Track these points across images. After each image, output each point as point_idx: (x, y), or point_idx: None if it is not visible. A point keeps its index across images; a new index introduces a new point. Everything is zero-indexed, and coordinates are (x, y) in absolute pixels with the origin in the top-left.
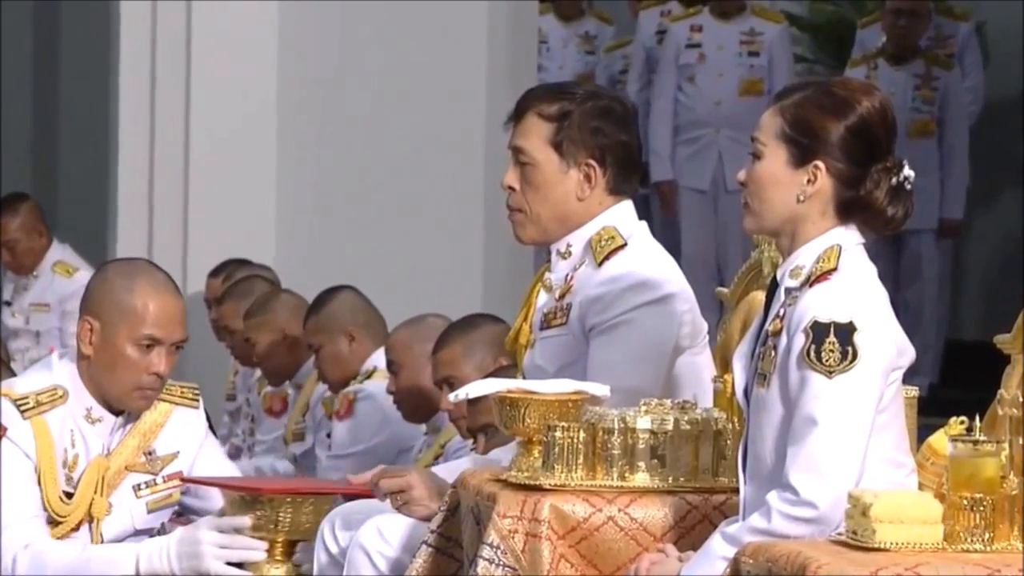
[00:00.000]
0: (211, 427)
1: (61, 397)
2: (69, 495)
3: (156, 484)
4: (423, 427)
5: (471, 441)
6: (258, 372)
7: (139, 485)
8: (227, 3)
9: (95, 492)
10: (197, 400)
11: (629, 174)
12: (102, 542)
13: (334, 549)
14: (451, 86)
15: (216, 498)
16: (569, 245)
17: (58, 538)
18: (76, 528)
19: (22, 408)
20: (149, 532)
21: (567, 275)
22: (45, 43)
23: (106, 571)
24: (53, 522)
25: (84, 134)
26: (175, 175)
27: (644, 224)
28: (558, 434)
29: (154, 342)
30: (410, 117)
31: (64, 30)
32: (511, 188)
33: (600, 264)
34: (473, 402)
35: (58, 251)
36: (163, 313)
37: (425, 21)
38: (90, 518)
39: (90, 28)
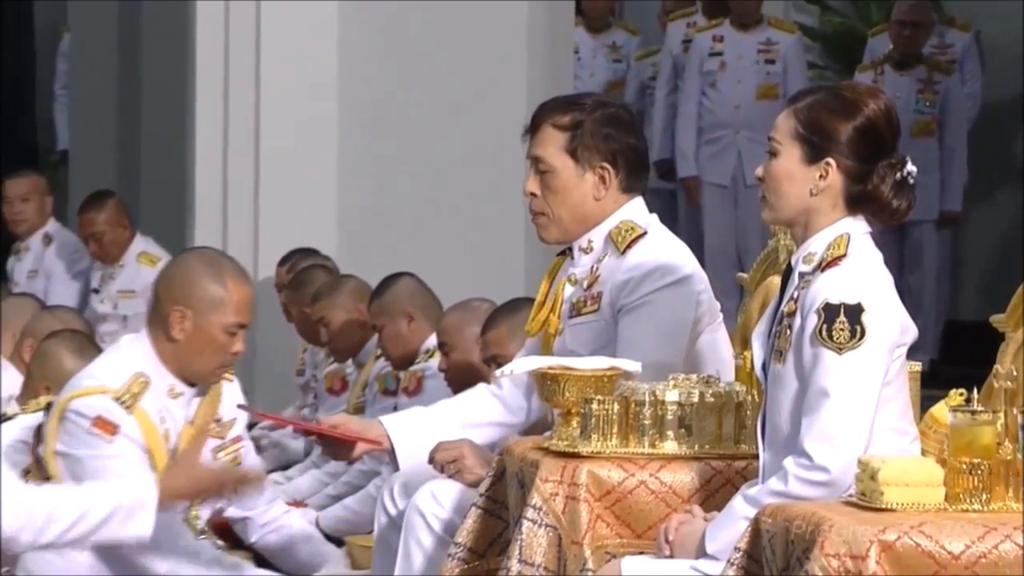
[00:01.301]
0: None
1: (146, 383)
2: None
3: (226, 447)
4: None
5: None
6: (322, 352)
7: (215, 448)
8: (293, 4)
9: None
10: (233, 375)
11: (639, 173)
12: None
13: (393, 512)
14: (495, 94)
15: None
16: (590, 241)
17: None
18: None
19: (124, 404)
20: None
21: (592, 267)
22: (128, 49)
23: None
24: None
25: (163, 135)
26: (246, 173)
27: (655, 216)
28: (594, 406)
29: (238, 329)
30: (459, 122)
31: (144, 35)
32: (533, 194)
33: (623, 252)
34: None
35: (141, 243)
36: (246, 301)
37: (472, 34)
38: None
39: (168, 32)
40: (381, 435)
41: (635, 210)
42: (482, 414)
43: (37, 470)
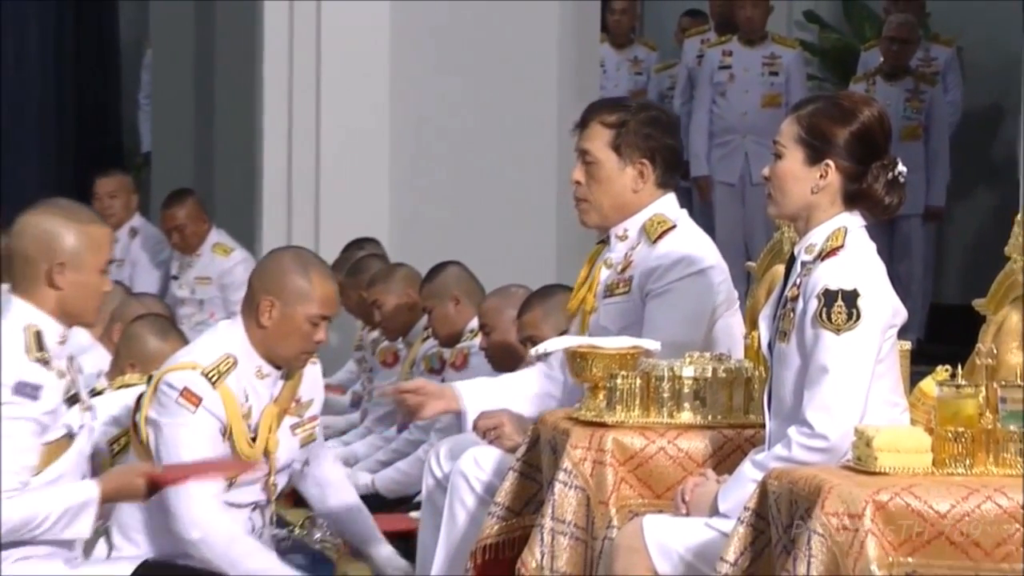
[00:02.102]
0: None
1: (233, 363)
2: (253, 438)
3: (303, 424)
4: None
5: None
6: (375, 332)
7: (293, 425)
8: (349, 21)
9: (269, 432)
10: (316, 359)
11: (673, 171)
12: (276, 471)
13: (439, 474)
14: (530, 103)
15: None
16: (626, 230)
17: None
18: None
19: (211, 379)
20: (299, 463)
21: (626, 254)
22: (203, 63)
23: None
24: (244, 459)
25: (234, 138)
26: (308, 172)
27: (685, 211)
28: (619, 381)
29: (321, 320)
30: (497, 128)
31: (217, 50)
32: (578, 182)
33: (654, 242)
34: (545, 357)
35: (215, 235)
36: (330, 296)
37: (510, 49)
38: (266, 452)
39: (239, 47)
40: (454, 398)
41: (668, 204)
42: (538, 387)
43: (134, 435)
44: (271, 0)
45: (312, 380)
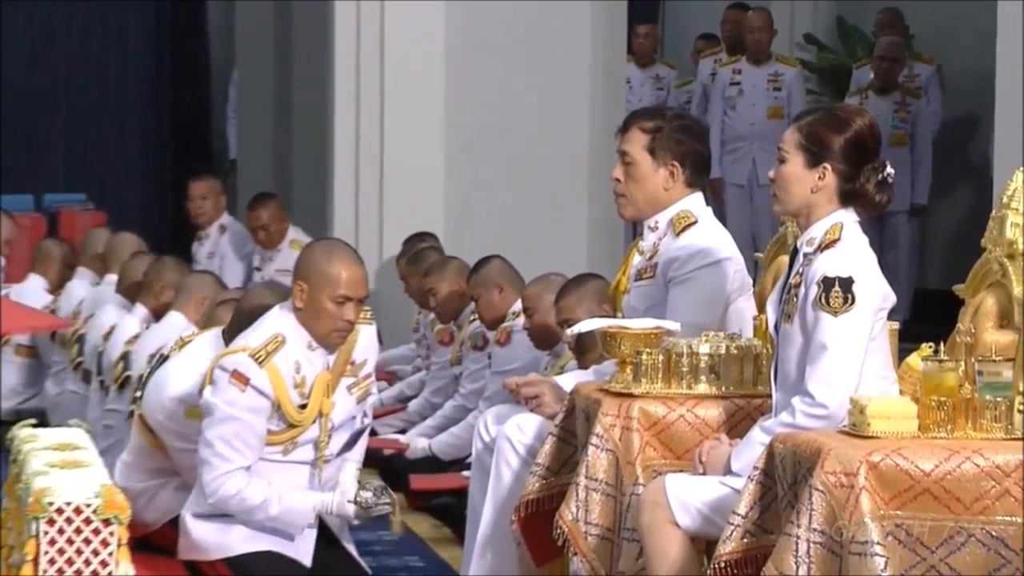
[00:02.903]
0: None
1: (282, 342)
2: (303, 406)
3: (359, 383)
4: (547, 353)
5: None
6: (431, 315)
7: (349, 385)
8: (409, 47)
9: (324, 396)
10: (372, 319)
11: (701, 173)
12: (332, 429)
13: (487, 439)
14: (566, 116)
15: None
16: (656, 222)
17: (293, 439)
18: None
19: (257, 360)
20: (355, 417)
21: (654, 243)
22: (282, 80)
23: (300, 516)
24: (291, 426)
25: (310, 146)
26: (373, 176)
27: (710, 209)
28: (644, 357)
29: (345, 299)
30: (537, 139)
31: (294, 70)
32: (617, 179)
33: (678, 235)
34: (579, 336)
35: (293, 232)
36: (352, 279)
37: (548, 69)
38: (320, 414)
39: (313, 67)
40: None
41: (694, 202)
42: None
43: (200, 411)
44: (340, 27)
45: (366, 341)
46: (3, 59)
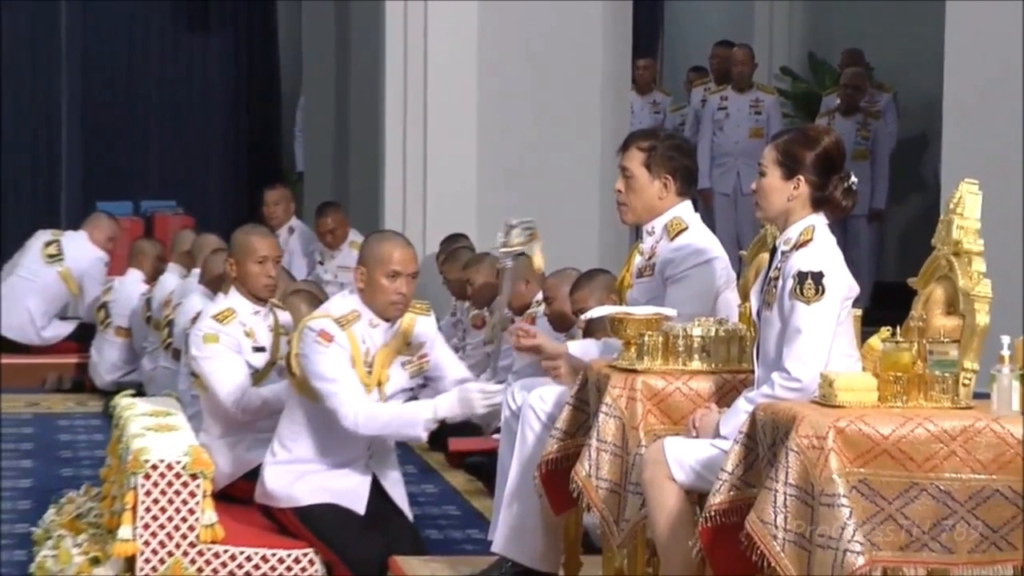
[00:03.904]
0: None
1: (357, 316)
2: (368, 372)
3: (412, 361)
4: (564, 335)
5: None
6: (467, 303)
7: (403, 362)
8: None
9: (383, 367)
10: (430, 311)
11: (690, 185)
12: (386, 398)
13: (514, 407)
14: (580, 135)
15: (445, 366)
16: (653, 227)
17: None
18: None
19: (340, 325)
20: (407, 389)
21: (652, 246)
22: (341, 105)
23: (416, 416)
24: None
25: (365, 162)
26: (418, 187)
27: (698, 215)
28: (646, 339)
29: (396, 274)
30: (556, 154)
31: (351, 98)
32: (619, 191)
33: (672, 239)
34: (590, 321)
35: (353, 235)
36: (401, 257)
37: (566, 96)
38: (378, 383)
39: (368, 94)
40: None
41: (684, 210)
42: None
43: (288, 372)
44: (390, 63)
45: (424, 328)
46: (106, 88)
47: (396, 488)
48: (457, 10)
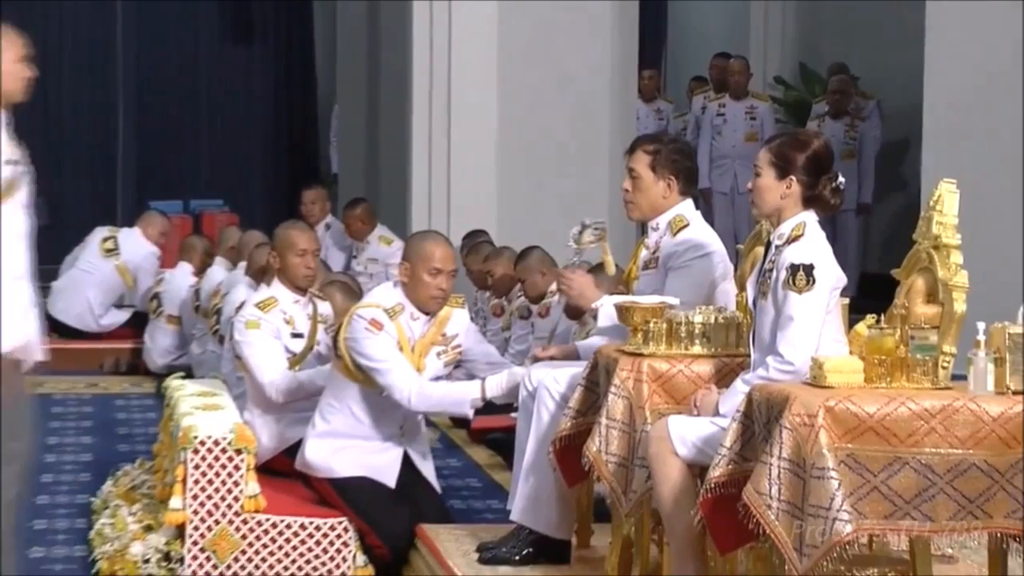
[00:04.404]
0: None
1: (402, 309)
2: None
3: (447, 351)
4: (576, 322)
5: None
6: (487, 293)
7: (438, 352)
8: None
9: (421, 357)
10: (464, 304)
11: (691, 184)
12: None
13: (530, 388)
14: (591, 138)
15: (477, 352)
16: (657, 224)
17: None
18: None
19: (389, 315)
20: (443, 376)
21: (656, 241)
22: (372, 113)
23: (465, 396)
24: None
25: (393, 164)
26: (442, 189)
27: (699, 212)
28: (651, 325)
29: (438, 271)
30: (568, 157)
31: (381, 106)
32: (626, 190)
33: (675, 235)
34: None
35: (380, 229)
36: (442, 255)
37: (579, 105)
38: (416, 371)
39: (396, 102)
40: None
41: (686, 208)
42: None
43: (335, 356)
44: (417, 75)
45: (458, 320)
46: (159, 96)
47: (425, 462)
48: (479, 31)
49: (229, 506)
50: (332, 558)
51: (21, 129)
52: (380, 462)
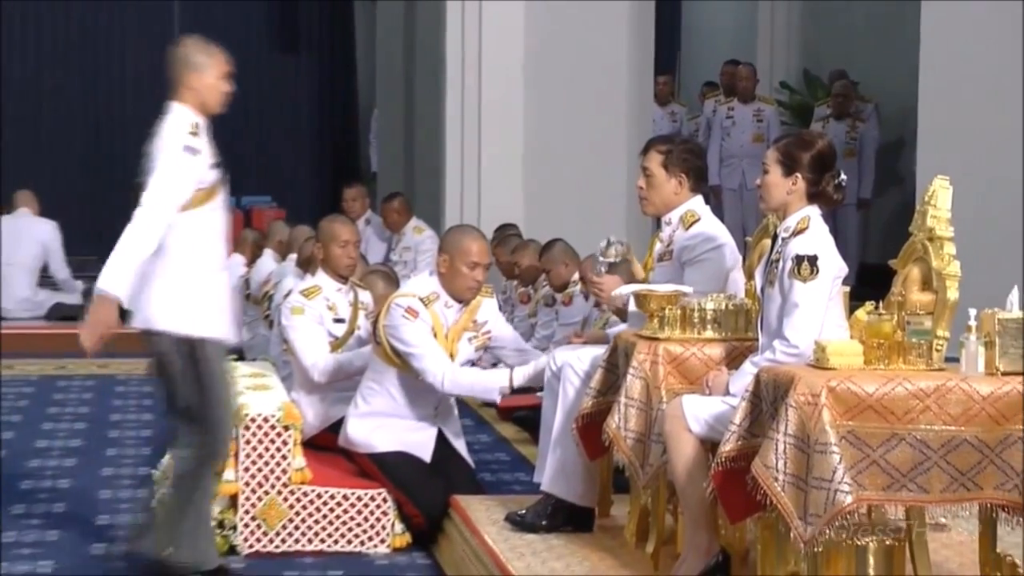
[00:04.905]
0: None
1: (436, 297)
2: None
3: (477, 336)
4: (598, 309)
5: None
6: (515, 282)
7: (470, 337)
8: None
9: (453, 342)
10: (493, 293)
11: (701, 182)
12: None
13: (555, 369)
14: (609, 140)
15: (506, 339)
16: (670, 218)
17: None
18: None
19: (424, 303)
20: (474, 359)
21: (670, 235)
22: (408, 117)
23: (494, 383)
24: None
25: (427, 161)
26: (472, 183)
27: (708, 207)
28: (667, 312)
29: (476, 265)
30: (590, 155)
31: (416, 111)
32: (641, 187)
33: (687, 229)
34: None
35: (415, 221)
36: (479, 250)
37: (600, 109)
38: (450, 355)
39: (430, 106)
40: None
41: (697, 203)
42: None
43: (374, 342)
44: (451, 81)
45: (488, 308)
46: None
47: (457, 439)
48: (506, 43)
49: (278, 478)
50: (372, 526)
51: (86, 137)
52: (417, 439)
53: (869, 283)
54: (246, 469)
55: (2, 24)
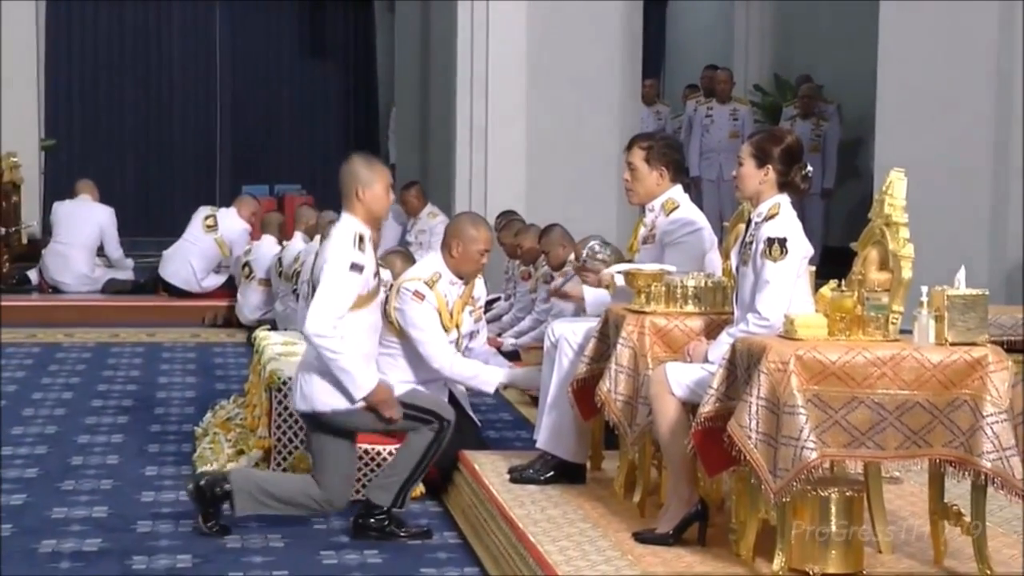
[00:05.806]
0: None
1: (440, 277)
2: (449, 318)
3: (476, 309)
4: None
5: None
6: (517, 261)
7: (469, 311)
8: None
9: (458, 314)
10: (482, 275)
11: (680, 173)
12: (461, 336)
13: (552, 339)
14: (602, 135)
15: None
16: (653, 206)
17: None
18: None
19: (428, 285)
20: (473, 332)
21: (652, 220)
22: (423, 116)
23: (490, 380)
24: (446, 330)
25: (440, 157)
26: (479, 174)
27: (687, 196)
28: (652, 288)
29: (485, 251)
30: (583, 151)
31: (431, 110)
32: (626, 180)
33: (668, 214)
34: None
35: (429, 207)
36: (487, 237)
37: (591, 108)
38: (456, 326)
39: (443, 106)
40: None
41: (677, 192)
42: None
43: (386, 322)
44: (461, 83)
45: (479, 286)
46: (249, 100)
47: (464, 400)
48: (510, 52)
49: (306, 435)
50: None
51: (139, 131)
52: None
53: (832, 263)
54: (278, 427)
55: (66, 31)
